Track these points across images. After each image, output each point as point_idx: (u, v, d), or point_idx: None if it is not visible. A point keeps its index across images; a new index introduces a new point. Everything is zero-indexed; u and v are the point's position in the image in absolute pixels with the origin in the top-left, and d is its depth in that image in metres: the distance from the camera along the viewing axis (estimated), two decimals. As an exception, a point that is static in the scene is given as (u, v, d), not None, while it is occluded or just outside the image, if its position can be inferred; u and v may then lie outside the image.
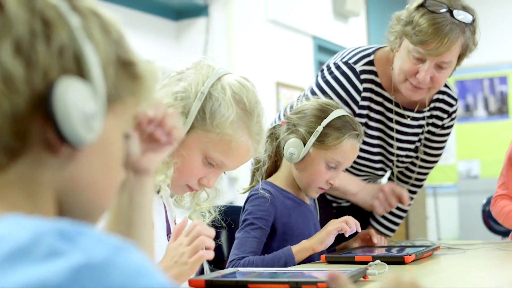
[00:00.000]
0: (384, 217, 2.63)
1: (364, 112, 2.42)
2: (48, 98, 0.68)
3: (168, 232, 1.73)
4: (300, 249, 2.00)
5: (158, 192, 1.69)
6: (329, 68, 2.44)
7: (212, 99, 1.62)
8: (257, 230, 2.04)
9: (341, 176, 2.25)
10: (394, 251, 2.11)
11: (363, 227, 2.51)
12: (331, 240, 2.00)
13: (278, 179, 2.19)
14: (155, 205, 1.67)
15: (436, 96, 2.49)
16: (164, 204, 1.74)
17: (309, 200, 2.26)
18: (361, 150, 2.45)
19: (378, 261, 1.69)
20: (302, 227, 2.13)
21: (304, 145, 2.10)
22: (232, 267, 1.94)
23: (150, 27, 5.00)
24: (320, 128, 2.09)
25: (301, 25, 6.17)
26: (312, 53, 6.38)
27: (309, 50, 6.35)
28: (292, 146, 2.10)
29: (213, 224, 1.75)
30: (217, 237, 1.57)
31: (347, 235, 2.03)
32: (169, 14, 5.17)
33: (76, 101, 0.69)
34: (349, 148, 2.13)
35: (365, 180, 2.60)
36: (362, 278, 1.56)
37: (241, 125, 1.63)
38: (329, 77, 2.41)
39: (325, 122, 2.10)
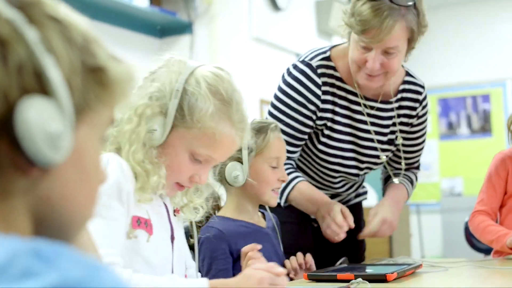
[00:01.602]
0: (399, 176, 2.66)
1: (329, 107, 2.44)
2: (9, 121, 0.66)
3: (172, 233, 1.70)
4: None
5: (157, 194, 1.68)
6: (288, 70, 2.48)
7: (188, 94, 1.61)
8: (222, 271, 2.02)
9: (302, 191, 2.27)
10: (376, 269, 2.11)
11: (350, 244, 2.52)
12: None
13: (229, 210, 2.18)
14: (155, 207, 1.66)
15: (401, 87, 2.51)
16: (165, 204, 1.72)
17: (267, 221, 2.27)
18: (332, 147, 2.46)
19: (360, 279, 1.69)
20: (261, 251, 2.11)
21: (241, 163, 2.10)
22: None
23: (134, 44, 4.99)
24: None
25: (284, 43, 6.19)
26: (296, 71, 6.38)
27: (293, 68, 6.35)
28: (233, 170, 2.09)
29: None
30: None
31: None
32: (153, 31, 5.17)
33: (39, 121, 0.66)
34: (277, 142, 2.17)
35: (340, 182, 2.60)
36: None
37: (222, 116, 1.62)
38: (288, 78, 2.45)
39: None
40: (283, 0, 5.85)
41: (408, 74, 2.54)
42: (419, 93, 2.54)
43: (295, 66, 2.46)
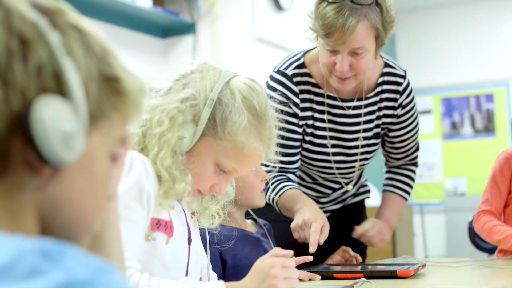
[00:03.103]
0: (400, 181, 2.68)
1: (308, 114, 2.45)
2: (25, 118, 0.67)
3: (189, 235, 1.70)
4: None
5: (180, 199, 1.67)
6: (267, 82, 2.48)
7: (222, 105, 1.58)
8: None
9: (291, 194, 2.27)
10: (382, 267, 2.11)
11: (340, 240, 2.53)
12: None
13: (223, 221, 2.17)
14: (175, 209, 1.65)
15: (380, 79, 2.49)
16: (183, 209, 1.71)
17: (258, 228, 2.28)
18: (314, 152, 2.47)
19: (364, 278, 1.69)
20: (251, 255, 2.11)
21: None
22: None
23: (137, 44, 4.99)
24: None
25: (288, 43, 6.19)
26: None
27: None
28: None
29: None
30: None
31: None
32: (156, 32, 5.17)
33: (55, 120, 0.68)
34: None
35: (334, 185, 2.60)
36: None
37: (253, 131, 1.60)
38: (268, 90, 2.45)
39: None
40: (286, 0, 5.85)
41: (387, 65, 2.51)
42: (399, 83, 2.50)
43: (271, 77, 2.47)
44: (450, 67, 8.28)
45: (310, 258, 2.01)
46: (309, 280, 1.97)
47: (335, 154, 2.50)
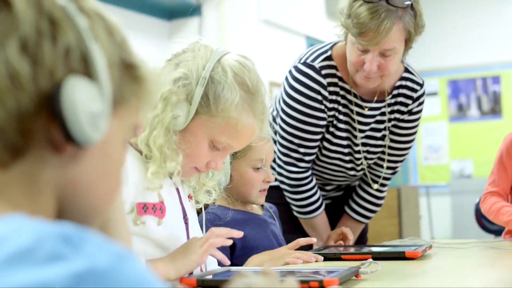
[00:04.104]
0: (359, 204, 2.63)
1: (335, 106, 2.44)
2: (55, 97, 0.68)
3: (184, 214, 1.72)
4: None
5: (171, 178, 1.69)
6: (291, 73, 2.45)
7: (214, 83, 1.60)
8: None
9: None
10: (390, 249, 2.11)
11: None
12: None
13: (222, 201, 2.17)
14: (167, 190, 1.67)
15: (398, 83, 2.48)
16: (178, 188, 1.73)
17: (265, 211, 2.28)
18: (333, 143, 2.47)
19: (371, 259, 1.69)
20: (260, 237, 2.12)
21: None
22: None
23: (143, 27, 4.99)
24: None
25: (293, 25, 6.17)
26: (305, 53, 6.37)
27: (302, 50, 6.34)
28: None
29: None
30: None
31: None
32: (162, 14, 5.17)
33: (83, 100, 0.69)
34: (262, 146, 2.14)
35: (341, 182, 2.62)
36: (354, 277, 1.56)
37: (246, 107, 1.61)
38: (293, 82, 2.42)
39: None
40: (292, -18, 5.83)
41: (407, 70, 2.50)
42: (415, 90, 2.49)
43: (298, 69, 2.43)
44: (457, 49, 8.25)
45: (314, 240, 2.04)
46: (316, 261, 1.97)
47: (346, 146, 2.50)
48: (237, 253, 2.07)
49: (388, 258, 1.91)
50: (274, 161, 2.48)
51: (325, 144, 2.48)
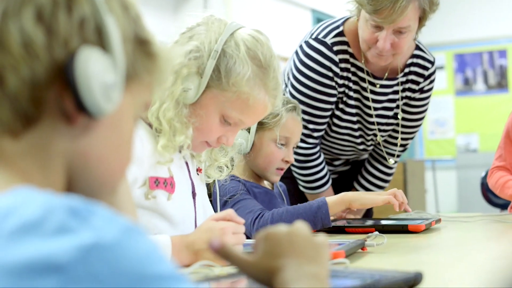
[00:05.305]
0: (368, 180, 2.64)
1: (345, 82, 2.42)
2: (68, 66, 0.69)
3: (193, 189, 1.71)
4: (336, 201, 1.99)
5: (180, 152, 1.68)
6: (302, 48, 2.43)
7: (226, 56, 1.58)
8: (249, 199, 2.04)
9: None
10: (394, 222, 2.11)
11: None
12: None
13: (237, 172, 2.18)
14: (176, 164, 1.67)
15: (410, 61, 2.47)
16: (187, 163, 1.72)
17: (275, 188, 2.28)
18: (343, 120, 2.46)
19: (377, 232, 1.70)
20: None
21: (249, 132, 2.10)
22: (257, 226, 1.93)
23: (148, 0, 4.97)
24: None
25: (299, -2, 6.14)
26: (311, 26, 6.34)
27: (307, 23, 6.31)
28: (238, 137, 2.08)
29: None
30: None
31: (396, 209, 2.02)
32: (167, -13, 5.14)
33: (96, 70, 0.70)
34: (290, 122, 2.15)
35: (349, 156, 2.61)
36: (360, 250, 1.56)
37: (258, 82, 1.59)
38: (304, 58, 2.41)
39: None
40: (298, -45, 5.80)
41: (418, 48, 2.48)
42: (427, 68, 2.48)
43: (309, 45, 2.41)
44: (463, 23, 8.21)
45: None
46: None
47: (356, 122, 2.49)
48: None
49: (391, 231, 1.91)
50: None
51: (335, 120, 2.48)
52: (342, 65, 2.40)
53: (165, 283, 0.60)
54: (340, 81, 2.40)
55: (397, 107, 2.51)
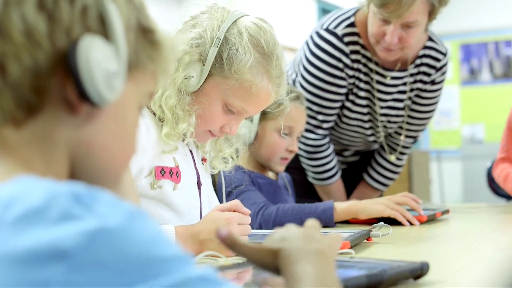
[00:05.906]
0: (378, 172, 2.63)
1: (356, 74, 2.42)
2: (70, 55, 0.68)
3: (198, 179, 1.70)
4: (344, 209, 1.95)
5: (183, 140, 1.67)
6: (312, 38, 2.42)
7: (229, 44, 1.57)
8: (253, 191, 2.04)
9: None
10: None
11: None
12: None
13: (243, 162, 2.17)
14: (182, 154, 1.66)
15: (421, 52, 2.46)
16: (192, 152, 1.72)
17: (280, 179, 2.28)
18: (353, 111, 2.45)
19: (382, 222, 1.69)
20: (273, 202, 2.12)
21: (252, 122, 2.10)
22: (260, 218, 1.93)
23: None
24: None
25: (304, -12, 6.12)
26: (316, 16, 6.33)
27: (312, 13, 6.29)
28: (241, 127, 2.07)
29: None
30: None
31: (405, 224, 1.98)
32: (171, -24, 5.13)
33: (99, 59, 0.69)
34: (294, 111, 2.14)
35: (359, 147, 2.61)
36: (365, 240, 1.55)
37: (260, 70, 1.58)
38: (314, 48, 2.40)
39: None
40: None
41: (430, 39, 2.47)
42: (439, 60, 2.47)
43: (320, 36, 2.39)
44: (468, 13, 8.17)
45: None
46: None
47: (366, 114, 2.48)
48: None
49: (393, 222, 1.90)
50: None
51: (345, 111, 2.47)
52: (353, 56, 2.38)
53: (171, 265, 0.60)
54: (351, 73, 2.39)
55: (408, 98, 2.50)
